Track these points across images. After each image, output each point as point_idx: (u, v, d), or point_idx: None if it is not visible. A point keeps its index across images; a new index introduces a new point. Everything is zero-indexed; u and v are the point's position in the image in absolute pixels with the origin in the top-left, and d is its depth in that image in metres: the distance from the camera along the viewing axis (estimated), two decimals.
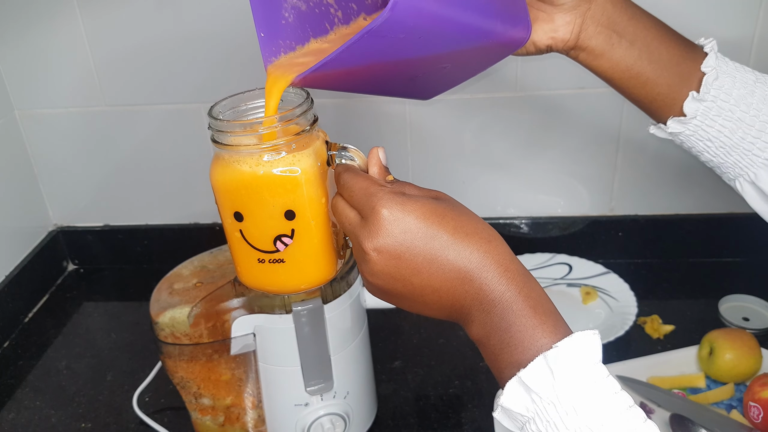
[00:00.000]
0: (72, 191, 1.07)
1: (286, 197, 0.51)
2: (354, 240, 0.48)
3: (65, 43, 0.94)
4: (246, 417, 0.72)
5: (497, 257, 0.44)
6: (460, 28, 0.51)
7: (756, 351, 0.76)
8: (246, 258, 0.54)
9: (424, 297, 0.46)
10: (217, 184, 0.52)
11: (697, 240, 1.01)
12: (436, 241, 0.44)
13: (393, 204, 0.45)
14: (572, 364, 0.40)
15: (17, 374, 0.89)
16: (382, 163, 0.51)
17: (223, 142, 0.51)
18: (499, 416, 0.44)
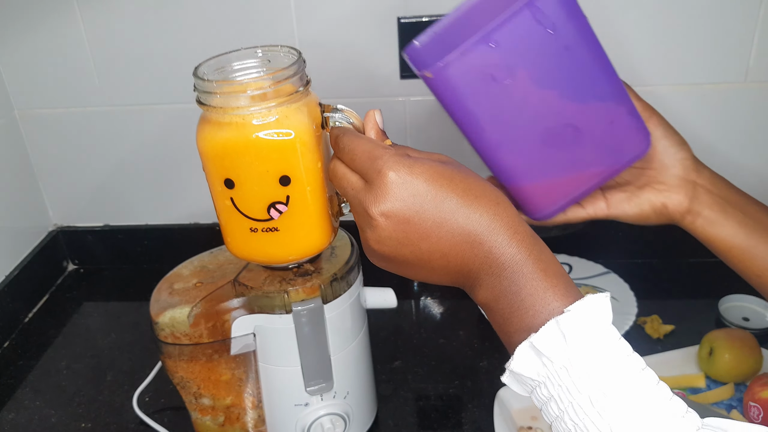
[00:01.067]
0: (72, 191, 1.07)
1: (281, 162, 0.48)
2: (357, 206, 0.46)
3: (65, 43, 0.94)
4: (246, 417, 0.72)
5: (506, 219, 0.43)
6: (597, 53, 0.56)
7: (756, 351, 0.76)
8: (237, 227, 0.52)
9: (432, 262, 0.45)
10: (205, 149, 0.49)
11: (697, 240, 1.01)
12: (445, 204, 0.43)
13: (400, 166, 0.43)
14: (584, 328, 0.39)
15: (17, 374, 0.89)
16: (379, 126, 0.50)
17: (210, 103, 0.48)
18: (508, 381, 0.43)
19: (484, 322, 0.90)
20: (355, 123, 0.50)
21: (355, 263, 0.68)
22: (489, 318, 0.45)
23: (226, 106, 0.48)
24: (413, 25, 0.89)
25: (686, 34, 0.87)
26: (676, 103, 0.92)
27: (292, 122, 0.48)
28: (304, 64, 0.51)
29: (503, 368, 0.43)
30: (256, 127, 0.47)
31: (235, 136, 0.47)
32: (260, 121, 0.47)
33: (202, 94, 0.49)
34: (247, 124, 0.47)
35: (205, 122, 0.50)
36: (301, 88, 0.49)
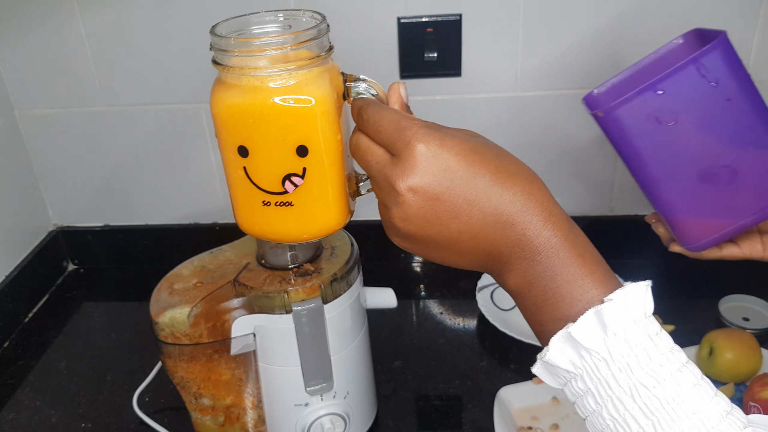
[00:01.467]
0: (72, 191, 1.07)
1: (299, 131, 0.45)
2: (382, 180, 0.42)
3: (65, 43, 0.94)
4: (246, 417, 0.72)
5: (541, 200, 0.41)
6: (757, 105, 0.61)
7: (756, 351, 0.76)
8: (249, 200, 0.48)
9: (460, 244, 0.42)
10: (219, 112, 0.46)
11: None
12: (478, 181, 0.40)
13: (430, 138, 0.40)
14: (626, 319, 0.37)
15: (17, 374, 0.89)
16: (404, 100, 0.46)
17: (227, 63, 0.45)
18: (539, 372, 0.40)
19: (484, 322, 0.90)
20: (379, 95, 0.47)
21: (355, 263, 0.68)
22: (519, 305, 0.42)
23: (243, 66, 0.44)
24: (413, 25, 0.89)
25: None
26: None
27: (312, 89, 0.45)
28: (327, 29, 0.47)
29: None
30: (273, 90, 0.44)
31: (251, 100, 0.44)
32: (278, 84, 0.44)
33: (219, 53, 0.45)
34: (265, 88, 0.44)
35: (220, 84, 0.46)
36: (323, 53, 0.46)
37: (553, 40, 0.90)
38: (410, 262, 1.06)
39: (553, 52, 0.90)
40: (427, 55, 0.91)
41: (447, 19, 0.89)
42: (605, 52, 0.90)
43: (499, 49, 0.91)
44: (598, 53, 0.90)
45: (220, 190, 1.04)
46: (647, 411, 0.36)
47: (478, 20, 0.89)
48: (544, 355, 0.39)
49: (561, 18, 0.88)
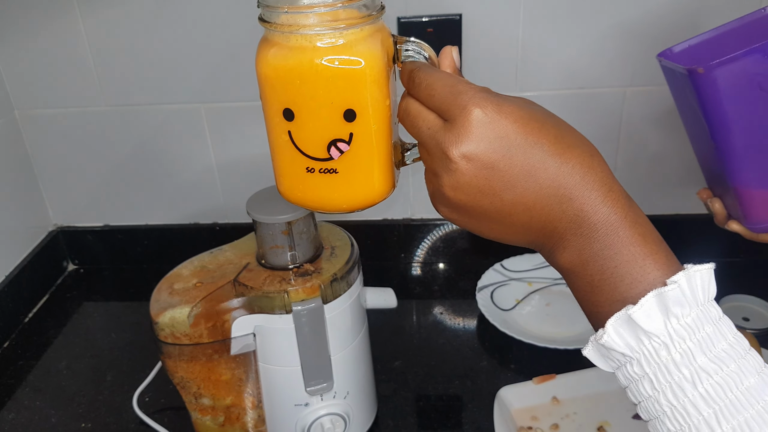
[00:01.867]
0: (72, 191, 1.07)
1: (347, 93, 0.43)
2: (434, 147, 0.40)
3: (65, 43, 0.94)
4: (246, 417, 0.72)
5: (600, 175, 0.38)
6: None
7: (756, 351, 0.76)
8: (292, 167, 0.46)
9: (513, 217, 0.40)
10: (265, 73, 0.44)
11: (697, 240, 1.01)
12: (536, 151, 0.38)
13: (488, 104, 0.38)
14: (689, 303, 0.36)
15: (17, 374, 0.89)
16: (456, 64, 0.44)
17: (275, 21, 0.43)
18: (591, 354, 0.39)
19: (484, 322, 0.90)
20: (432, 58, 0.45)
21: (355, 263, 0.68)
22: (570, 284, 0.40)
23: (291, 24, 0.42)
24: (413, 24, 0.89)
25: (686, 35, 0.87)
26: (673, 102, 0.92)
27: (362, 49, 0.43)
28: None
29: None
30: (321, 50, 0.42)
31: (298, 60, 0.42)
32: (326, 43, 0.42)
33: (266, 9, 0.43)
34: (312, 47, 0.42)
35: (266, 43, 0.44)
36: (375, 12, 0.44)
37: (553, 39, 0.90)
38: (410, 262, 1.06)
39: (553, 52, 0.90)
40: None
41: (447, 19, 0.89)
42: (606, 52, 0.90)
43: (499, 49, 0.91)
44: (599, 53, 0.90)
45: (220, 190, 1.04)
46: (709, 398, 0.35)
47: (478, 20, 0.89)
48: (601, 338, 0.37)
49: (561, 18, 0.88)
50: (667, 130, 0.94)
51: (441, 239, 1.05)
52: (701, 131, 0.63)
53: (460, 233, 1.04)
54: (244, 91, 0.96)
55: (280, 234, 0.65)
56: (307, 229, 0.66)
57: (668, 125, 0.94)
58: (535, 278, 0.98)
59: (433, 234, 1.04)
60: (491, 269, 0.99)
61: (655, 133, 0.95)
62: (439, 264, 1.06)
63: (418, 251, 1.06)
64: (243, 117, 0.97)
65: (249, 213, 0.65)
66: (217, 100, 0.97)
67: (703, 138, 0.64)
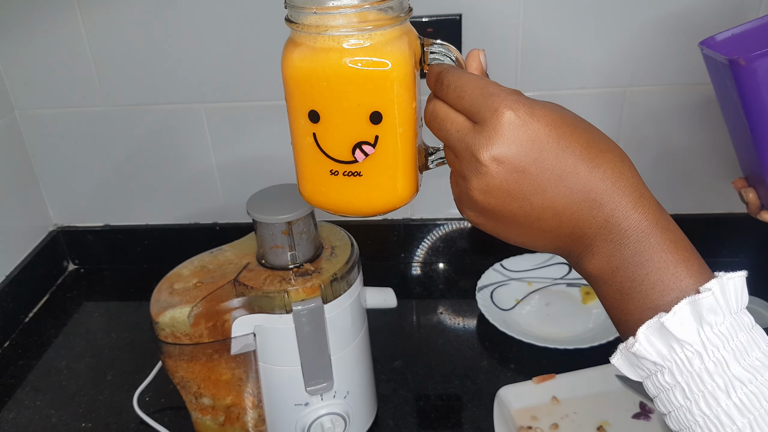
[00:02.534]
0: (72, 191, 1.07)
1: (374, 96, 0.43)
2: (463, 150, 0.39)
3: (65, 43, 0.94)
4: (246, 417, 0.72)
5: (632, 180, 0.38)
6: None
7: None
8: (316, 169, 0.46)
9: (542, 222, 0.39)
10: (292, 73, 0.43)
11: (697, 240, 1.00)
12: (567, 155, 0.37)
13: (520, 106, 0.38)
14: (722, 311, 0.35)
15: (18, 374, 0.89)
16: (483, 67, 0.43)
17: (303, 21, 0.42)
18: (620, 363, 0.38)
19: (484, 322, 0.90)
20: (458, 60, 0.44)
21: (355, 263, 0.68)
22: (599, 291, 0.40)
23: (319, 25, 0.42)
24: (413, 24, 0.89)
25: (686, 35, 0.87)
26: (673, 102, 0.92)
27: (389, 51, 0.42)
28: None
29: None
30: (348, 51, 0.42)
31: (324, 61, 0.42)
32: (354, 45, 0.42)
33: (293, 10, 0.43)
34: (339, 48, 0.42)
35: (292, 44, 0.44)
36: (403, 14, 0.44)
37: (553, 40, 0.90)
38: (410, 262, 1.06)
39: (553, 52, 0.90)
40: None
41: (447, 19, 0.89)
42: (606, 52, 0.90)
43: (499, 49, 0.91)
44: (599, 53, 0.90)
45: (220, 190, 1.04)
46: (743, 408, 0.34)
47: (478, 20, 0.89)
48: (632, 346, 0.36)
49: (561, 18, 0.88)
50: (667, 130, 0.94)
51: (441, 239, 1.05)
52: (739, 121, 0.62)
53: (460, 233, 1.04)
54: (244, 91, 0.96)
55: (280, 234, 0.65)
56: (307, 229, 0.66)
57: (668, 125, 0.94)
58: (535, 278, 0.98)
59: (433, 234, 1.04)
60: (491, 269, 0.99)
61: (654, 133, 0.95)
62: (439, 264, 1.06)
63: (418, 251, 1.06)
64: (243, 117, 0.98)
65: (249, 213, 0.65)
66: (217, 100, 0.97)
67: (741, 128, 0.63)
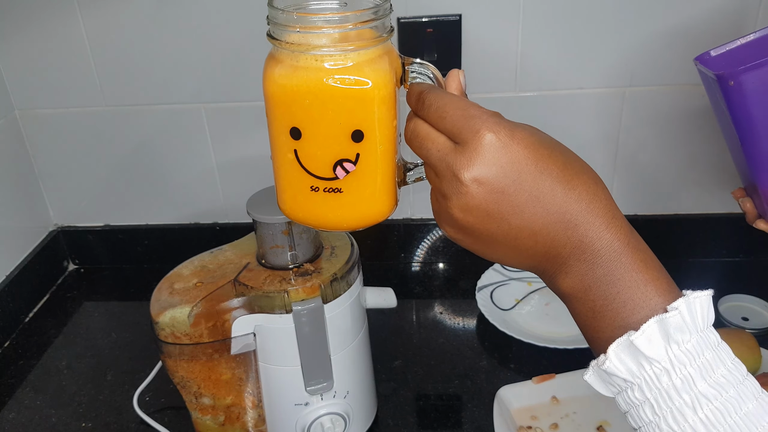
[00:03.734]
0: (72, 191, 1.07)
1: (356, 114, 0.43)
2: (444, 169, 0.40)
3: (65, 43, 0.94)
4: (246, 416, 0.72)
5: (605, 202, 0.40)
6: None
7: (756, 351, 0.76)
8: (296, 185, 0.47)
9: (518, 241, 0.40)
10: (273, 91, 0.44)
11: (697, 240, 1.01)
12: (545, 177, 0.39)
13: (500, 129, 0.39)
14: (689, 329, 0.36)
15: (18, 374, 0.89)
16: (462, 87, 0.44)
17: (284, 39, 0.43)
18: (592, 380, 0.39)
19: (484, 322, 0.90)
20: (438, 80, 0.45)
21: (355, 263, 0.68)
22: (572, 309, 0.41)
23: (301, 43, 0.42)
24: (413, 25, 0.89)
25: (684, 35, 0.87)
26: (673, 102, 0.92)
27: (370, 71, 0.43)
28: (390, 9, 0.45)
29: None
30: (330, 71, 0.42)
31: (308, 79, 0.42)
32: (335, 64, 0.42)
33: (276, 27, 0.43)
34: (321, 67, 0.42)
35: (274, 61, 0.44)
36: (384, 33, 0.44)
37: (552, 40, 0.90)
38: (410, 262, 1.06)
39: (552, 52, 0.90)
40: (427, 56, 0.91)
41: (447, 19, 0.89)
42: (605, 52, 0.90)
43: (499, 49, 0.91)
44: (598, 53, 0.90)
45: (220, 190, 1.04)
46: (709, 424, 0.35)
47: (478, 20, 0.89)
48: (602, 363, 0.38)
49: (561, 18, 0.88)
50: (667, 130, 0.94)
51: (441, 239, 1.05)
52: (732, 133, 0.64)
53: None
54: (244, 91, 0.96)
55: (280, 234, 0.65)
56: (307, 229, 0.66)
57: (668, 125, 0.94)
58: (534, 278, 0.98)
59: (433, 234, 1.04)
60: (491, 269, 0.99)
61: (654, 133, 0.95)
62: (439, 264, 1.06)
63: (418, 251, 1.06)
64: (243, 117, 0.98)
65: (249, 213, 0.65)
66: (217, 100, 0.97)
67: (733, 140, 0.65)
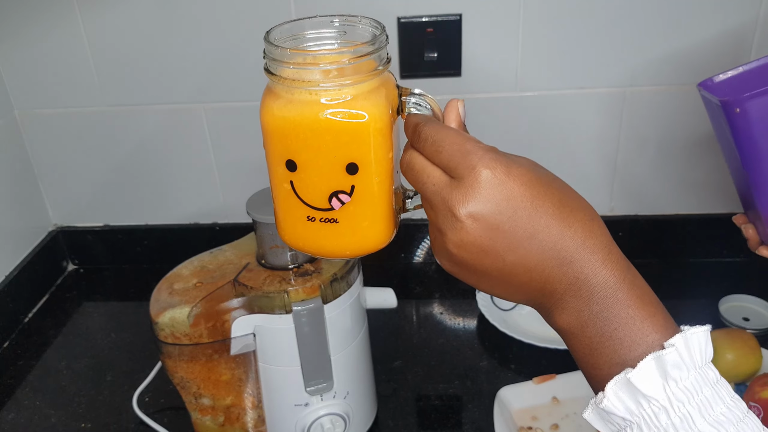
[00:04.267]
0: (72, 191, 1.07)
1: (351, 148, 0.43)
2: (440, 204, 0.40)
3: (65, 43, 0.94)
4: (246, 417, 0.72)
5: (601, 239, 0.40)
6: None
7: (756, 351, 0.76)
8: (293, 215, 0.47)
9: (513, 277, 0.40)
10: (269, 124, 0.44)
11: (697, 240, 1.01)
12: (540, 214, 0.39)
13: (497, 165, 0.39)
14: (687, 366, 0.36)
15: (17, 374, 0.89)
16: (461, 119, 0.44)
17: (280, 74, 0.43)
18: (591, 418, 0.39)
19: (484, 322, 0.90)
20: (435, 111, 0.45)
21: (355, 263, 0.68)
22: (569, 345, 0.41)
23: (297, 79, 0.43)
24: (413, 25, 0.89)
25: (686, 35, 0.87)
26: (673, 102, 0.92)
27: (366, 104, 0.43)
28: (387, 41, 0.45)
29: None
30: (326, 105, 0.42)
31: (302, 113, 0.43)
32: (331, 98, 0.42)
33: (272, 62, 0.43)
34: (317, 102, 0.42)
35: (271, 94, 0.44)
36: (381, 66, 0.44)
37: (553, 39, 0.90)
38: (410, 262, 1.06)
39: (553, 52, 0.90)
40: (427, 55, 0.91)
41: (447, 19, 0.89)
42: (606, 52, 0.90)
43: (499, 49, 0.91)
44: (599, 53, 0.90)
45: (220, 190, 1.04)
46: None
47: (478, 20, 0.89)
48: (600, 402, 0.37)
49: (561, 17, 0.88)
50: (667, 130, 0.94)
51: None
52: (735, 159, 0.64)
53: None
54: (244, 91, 0.96)
55: None
56: None
57: (668, 125, 0.94)
58: None
59: None
60: None
61: (654, 133, 0.95)
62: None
63: (418, 251, 1.06)
64: (243, 117, 0.98)
65: (249, 213, 0.65)
66: (217, 100, 0.97)
67: (736, 166, 0.65)
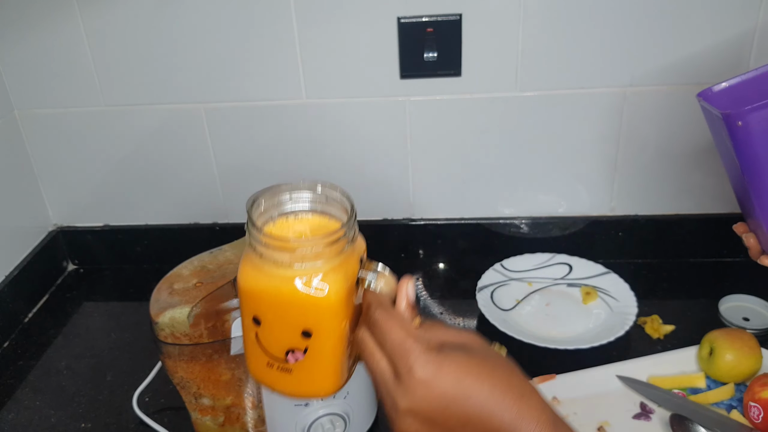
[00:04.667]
0: (72, 191, 1.07)
1: (308, 317, 0.49)
2: (387, 395, 0.47)
3: (65, 43, 0.94)
4: (246, 417, 0.72)
5: (531, 412, 0.44)
6: None
7: (756, 351, 0.76)
8: (257, 358, 0.54)
9: None
10: (243, 286, 0.51)
11: (697, 240, 1.01)
12: (471, 403, 0.44)
13: (430, 366, 0.45)
14: None
15: (17, 374, 0.89)
16: (410, 299, 0.50)
17: (257, 250, 0.49)
18: None
19: (484, 322, 0.90)
20: (389, 292, 0.50)
21: None
22: None
23: (266, 256, 0.49)
24: (413, 25, 0.89)
25: (686, 35, 0.87)
26: (673, 102, 0.92)
27: (328, 280, 0.48)
28: (354, 220, 0.50)
29: None
30: (291, 279, 0.48)
31: (269, 285, 0.49)
32: (294, 275, 0.48)
33: (251, 237, 0.50)
34: (284, 276, 0.48)
35: (246, 258, 0.51)
36: (347, 246, 0.49)
37: (553, 39, 0.90)
38: (410, 262, 1.06)
39: (553, 52, 0.90)
40: (427, 55, 0.91)
41: (447, 19, 0.89)
42: (606, 52, 0.90)
43: (499, 49, 0.91)
44: (599, 53, 0.90)
45: (220, 190, 1.04)
46: None
47: (478, 20, 0.89)
48: None
49: (561, 17, 0.88)
50: (667, 130, 0.94)
51: (441, 239, 1.05)
52: (735, 170, 0.65)
53: (460, 233, 1.04)
54: (244, 91, 0.96)
55: None
56: None
57: (668, 125, 0.94)
58: (535, 278, 0.98)
59: (433, 234, 1.04)
60: (491, 269, 0.99)
61: (654, 133, 0.95)
62: (439, 264, 1.06)
63: (419, 251, 1.06)
64: (243, 117, 0.98)
65: None
66: (217, 100, 0.97)
67: (737, 176, 0.65)
